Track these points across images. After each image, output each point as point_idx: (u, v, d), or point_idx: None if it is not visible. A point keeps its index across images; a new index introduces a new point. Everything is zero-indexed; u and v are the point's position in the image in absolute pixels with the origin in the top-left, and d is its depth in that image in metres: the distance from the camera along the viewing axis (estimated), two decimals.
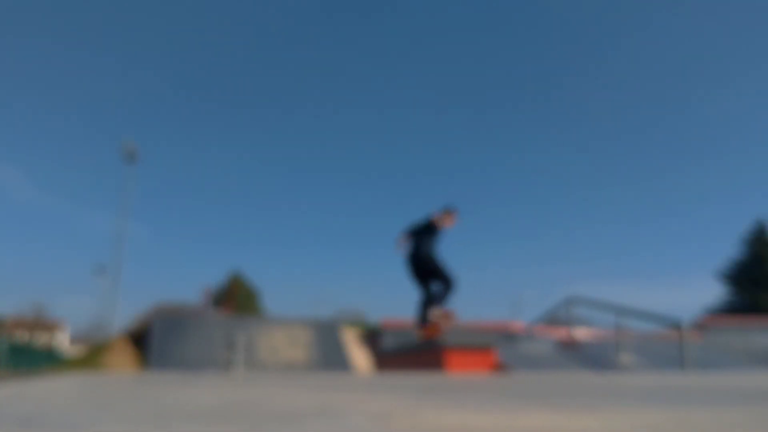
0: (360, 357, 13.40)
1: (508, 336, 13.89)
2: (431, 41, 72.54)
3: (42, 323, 54.35)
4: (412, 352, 11.23)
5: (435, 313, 6.74)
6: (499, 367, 9.62)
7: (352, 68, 75.25)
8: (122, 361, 12.17)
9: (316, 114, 76.54)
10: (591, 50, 71.19)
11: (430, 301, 6.82)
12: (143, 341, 12.42)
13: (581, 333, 13.28)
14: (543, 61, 70.66)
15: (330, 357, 12.50)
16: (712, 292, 43.83)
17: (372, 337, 14.42)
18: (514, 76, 74.62)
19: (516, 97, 76.71)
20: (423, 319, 6.84)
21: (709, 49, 66.86)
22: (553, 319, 13.67)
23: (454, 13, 67.96)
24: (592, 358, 10.54)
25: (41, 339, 49.92)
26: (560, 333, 13.35)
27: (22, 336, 42.48)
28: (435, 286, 6.88)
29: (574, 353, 10.99)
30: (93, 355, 12.54)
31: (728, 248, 39.79)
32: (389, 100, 76.09)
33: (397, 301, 71.45)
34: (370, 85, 76.88)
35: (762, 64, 61.52)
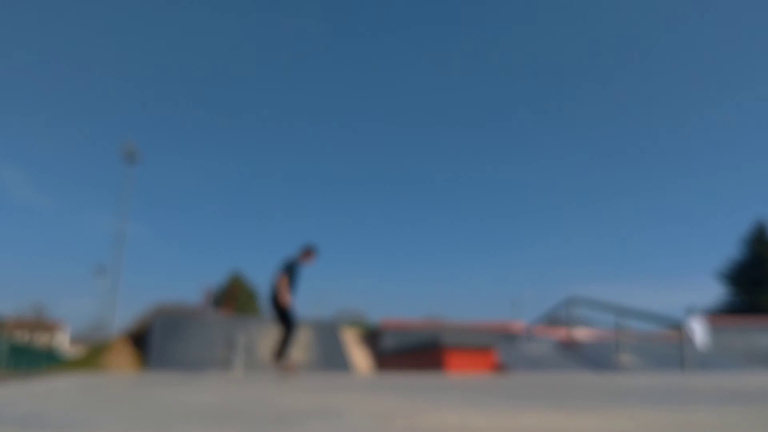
0: (360, 357, 13.39)
1: (508, 336, 13.89)
2: (426, 53, 72.54)
3: (42, 324, 54.28)
4: (412, 352, 11.23)
5: (283, 360, 7.31)
6: (499, 367, 9.61)
7: (351, 76, 75.25)
8: (122, 361, 12.17)
9: (316, 115, 76.55)
10: (597, 58, 71.19)
11: (282, 342, 7.33)
12: (143, 341, 12.41)
13: (581, 333, 13.27)
14: (558, 68, 70.66)
15: (330, 357, 12.48)
16: (713, 292, 43.85)
17: (372, 337, 14.41)
18: (529, 85, 74.59)
19: (519, 103, 76.70)
20: (279, 356, 7.31)
21: (703, 53, 66.85)
22: (553, 319, 13.66)
23: (459, 24, 67.99)
24: (592, 358, 10.54)
25: (41, 339, 49.92)
26: (560, 333, 13.34)
27: (22, 336, 42.45)
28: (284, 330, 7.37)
29: (574, 353, 10.98)
30: (93, 356, 12.54)
31: (728, 248, 39.81)
32: (389, 106, 76.10)
33: (397, 301, 71.54)
34: (371, 93, 76.87)
35: (755, 69, 61.48)
